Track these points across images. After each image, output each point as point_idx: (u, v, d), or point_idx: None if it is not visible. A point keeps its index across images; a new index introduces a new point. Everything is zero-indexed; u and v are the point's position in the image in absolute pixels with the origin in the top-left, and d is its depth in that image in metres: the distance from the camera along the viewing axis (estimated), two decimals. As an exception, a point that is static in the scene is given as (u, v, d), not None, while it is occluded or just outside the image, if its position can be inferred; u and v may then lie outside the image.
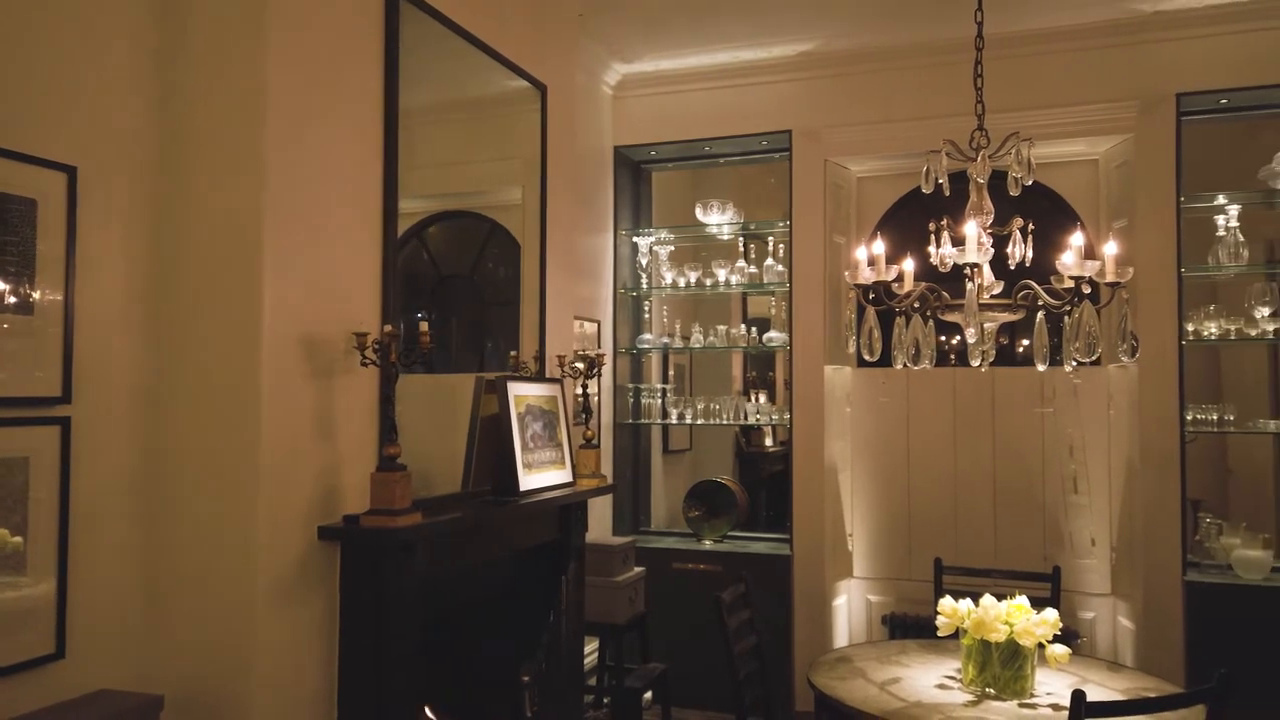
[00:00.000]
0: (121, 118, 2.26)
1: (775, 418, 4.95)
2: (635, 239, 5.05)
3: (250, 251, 2.27)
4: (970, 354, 2.67)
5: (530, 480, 3.16)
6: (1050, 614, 2.58)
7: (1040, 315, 2.65)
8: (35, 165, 2.05)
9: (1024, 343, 4.64)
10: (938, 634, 2.75)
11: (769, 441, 6.56)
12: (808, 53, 4.54)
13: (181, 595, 2.27)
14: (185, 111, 2.34)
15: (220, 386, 2.28)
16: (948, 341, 4.56)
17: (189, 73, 2.34)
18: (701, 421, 4.92)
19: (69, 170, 2.11)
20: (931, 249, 2.78)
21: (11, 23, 2.02)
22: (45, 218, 2.08)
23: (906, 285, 2.76)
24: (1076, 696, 2.04)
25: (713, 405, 4.89)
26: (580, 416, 3.78)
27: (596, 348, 4.48)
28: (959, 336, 2.72)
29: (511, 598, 3.34)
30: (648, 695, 4.06)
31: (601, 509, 4.60)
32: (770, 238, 4.86)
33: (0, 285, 1.98)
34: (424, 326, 2.51)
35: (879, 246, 2.71)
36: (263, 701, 2.23)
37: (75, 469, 2.12)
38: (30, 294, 2.04)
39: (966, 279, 2.59)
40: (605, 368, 4.67)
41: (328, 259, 2.48)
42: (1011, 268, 2.71)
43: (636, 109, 4.88)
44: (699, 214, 4.99)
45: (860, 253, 2.75)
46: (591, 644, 4.34)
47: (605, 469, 4.55)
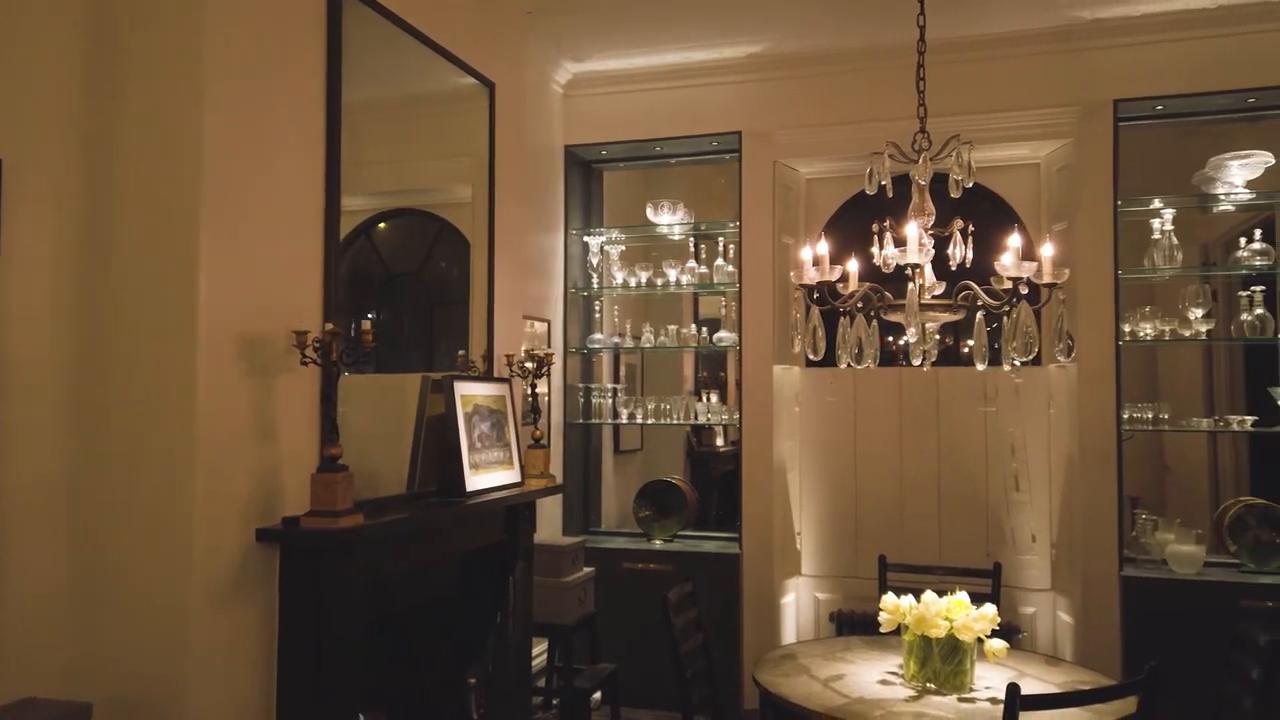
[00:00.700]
0: (52, 108, 2.19)
1: (725, 417, 4.98)
2: (586, 238, 5.04)
3: (187, 247, 2.22)
4: (912, 353, 2.71)
5: (477, 481, 3.14)
6: (989, 609, 2.63)
7: (980, 315, 2.70)
8: (-43, 157, 1.99)
9: (969, 343, 4.71)
10: (880, 630, 2.78)
11: (720, 441, 6.59)
12: (757, 55, 4.57)
13: (114, 600, 2.21)
14: (120, 103, 2.28)
15: (155, 385, 2.22)
16: (894, 342, 4.62)
17: (125, 63, 2.28)
18: (652, 421, 4.93)
19: (-7, 162, 2.05)
20: (875, 250, 2.81)
21: (-68, 9, 1.96)
22: (-32, 211, 2.01)
23: (851, 285, 2.79)
24: (1011, 690, 2.08)
25: (663, 405, 4.90)
26: (529, 416, 3.76)
27: (546, 347, 4.46)
28: (905, 336, 2.75)
29: (458, 599, 3.31)
30: (597, 695, 4.05)
31: (551, 509, 4.58)
32: (720, 238, 4.88)
33: (-81, 281, 1.92)
34: (366, 325, 2.48)
35: (823, 247, 2.74)
36: (197, 707, 2.18)
37: (2, 471, 2.05)
38: (-48, 290, 1.98)
39: (908, 279, 2.63)
40: (555, 367, 4.66)
41: (268, 256, 2.44)
42: (953, 268, 2.76)
43: (587, 108, 4.87)
44: (650, 214, 4.99)
45: (805, 253, 2.78)
46: (541, 645, 4.32)
47: (555, 469, 4.54)
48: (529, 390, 3.74)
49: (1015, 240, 2.50)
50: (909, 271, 2.61)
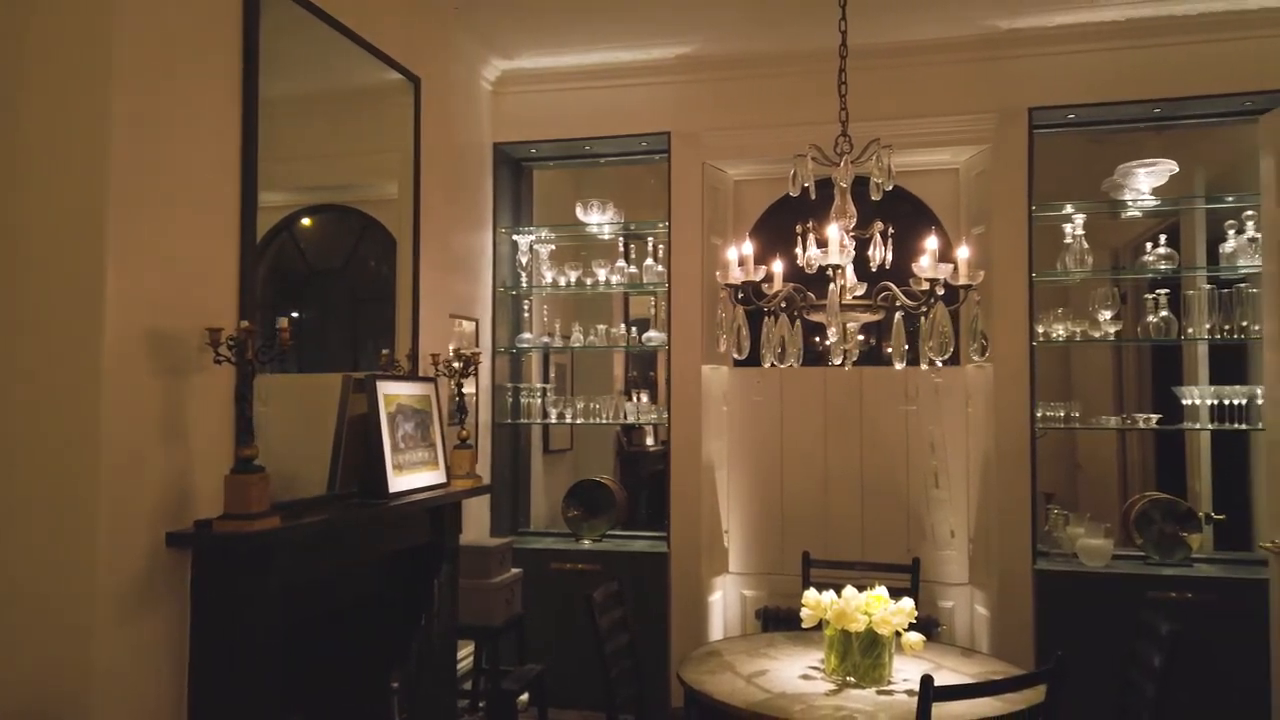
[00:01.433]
0: (-57, 95, 2.10)
1: (654, 417, 4.99)
2: (515, 237, 5.01)
3: (93, 240, 2.15)
4: (833, 353, 2.76)
5: (401, 482, 3.09)
6: (906, 603, 2.69)
7: (898, 316, 2.76)
8: None
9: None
10: (802, 626, 2.82)
11: (650, 441, 6.61)
12: (686, 56, 4.60)
13: (13, 612, 2.12)
14: (22, 90, 2.19)
15: (57, 383, 2.14)
16: (821, 342, 4.69)
17: (28, 48, 2.19)
18: (581, 421, 4.92)
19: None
20: (798, 251, 2.86)
21: None
22: None
23: (776, 286, 2.82)
24: (925, 681, 2.13)
25: (593, 405, 4.90)
26: (456, 416, 3.72)
27: (474, 346, 4.42)
28: (827, 336, 2.80)
29: (382, 602, 3.26)
30: (524, 697, 4.03)
31: (479, 510, 4.54)
32: (650, 238, 4.90)
33: None
34: (284, 323, 2.42)
35: (748, 247, 2.77)
36: None
37: (-114, 474, 1.96)
38: None
39: (830, 280, 2.67)
40: (483, 367, 4.62)
41: (181, 251, 2.37)
42: (873, 270, 2.81)
43: (517, 106, 4.84)
44: (579, 213, 4.98)
45: (731, 253, 2.81)
46: (467, 647, 4.28)
47: (482, 469, 4.49)
48: (455, 390, 3.70)
49: (932, 243, 2.56)
50: (830, 272, 2.66)
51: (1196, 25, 4.05)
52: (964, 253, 2.63)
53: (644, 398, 5.29)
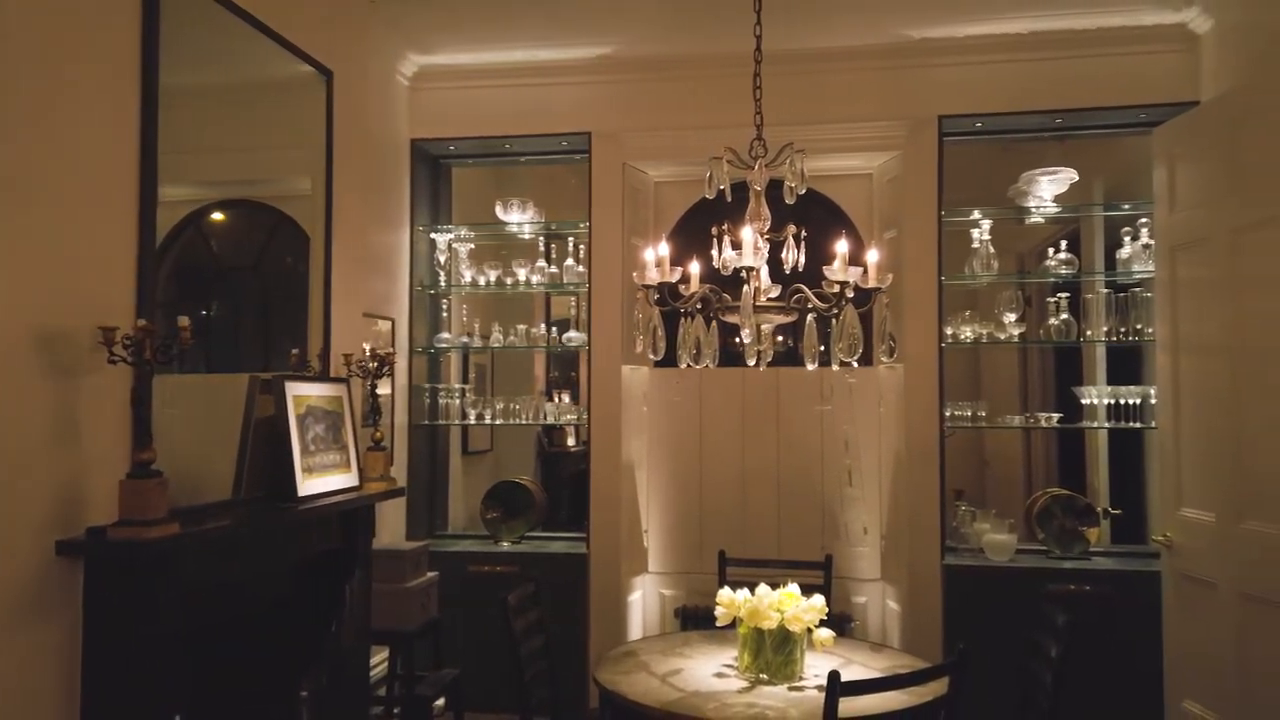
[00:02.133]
0: None
1: (574, 417, 4.98)
2: (434, 235, 4.94)
3: (-25, 235, 2.04)
4: (747, 354, 2.79)
5: (311, 485, 3.03)
6: (817, 600, 2.73)
7: (810, 318, 2.80)
8: None
9: (808, 344, 4.89)
10: (717, 624, 2.85)
11: (572, 441, 6.60)
12: (607, 56, 4.59)
13: (-116, 623, 2.00)
14: (-108, 75, 2.07)
15: (-65, 386, 2.03)
16: (741, 343, 4.74)
17: (-103, 31, 2.07)
18: (501, 422, 4.88)
19: None
20: (714, 252, 2.88)
21: None
22: None
23: (693, 287, 2.84)
24: (832, 677, 2.18)
25: (513, 405, 4.86)
26: (369, 418, 3.65)
27: (390, 346, 4.34)
28: (741, 337, 2.83)
29: (291, 609, 3.17)
30: (439, 702, 3.98)
31: (394, 513, 4.46)
32: (571, 238, 4.88)
33: None
34: (184, 321, 2.33)
35: (664, 248, 2.78)
36: (-16, 737, 2.01)
37: None
38: None
39: (744, 281, 2.70)
40: (399, 367, 4.54)
41: (74, 246, 2.27)
42: (787, 272, 2.86)
43: (435, 102, 4.77)
44: (499, 212, 4.94)
45: (648, 254, 2.81)
46: (382, 653, 4.20)
47: (399, 471, 4.42)
48: (369, 391, 3.63)
49: (842, 246, 2.61)
50: (744, 274, 2.69)
51: (1096, 40, 4.22)
52: (873, 256, 2.68)
53: (565, 398, 5.28)
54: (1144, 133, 4.11)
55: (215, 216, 3.12)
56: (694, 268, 2.84)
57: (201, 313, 3.04)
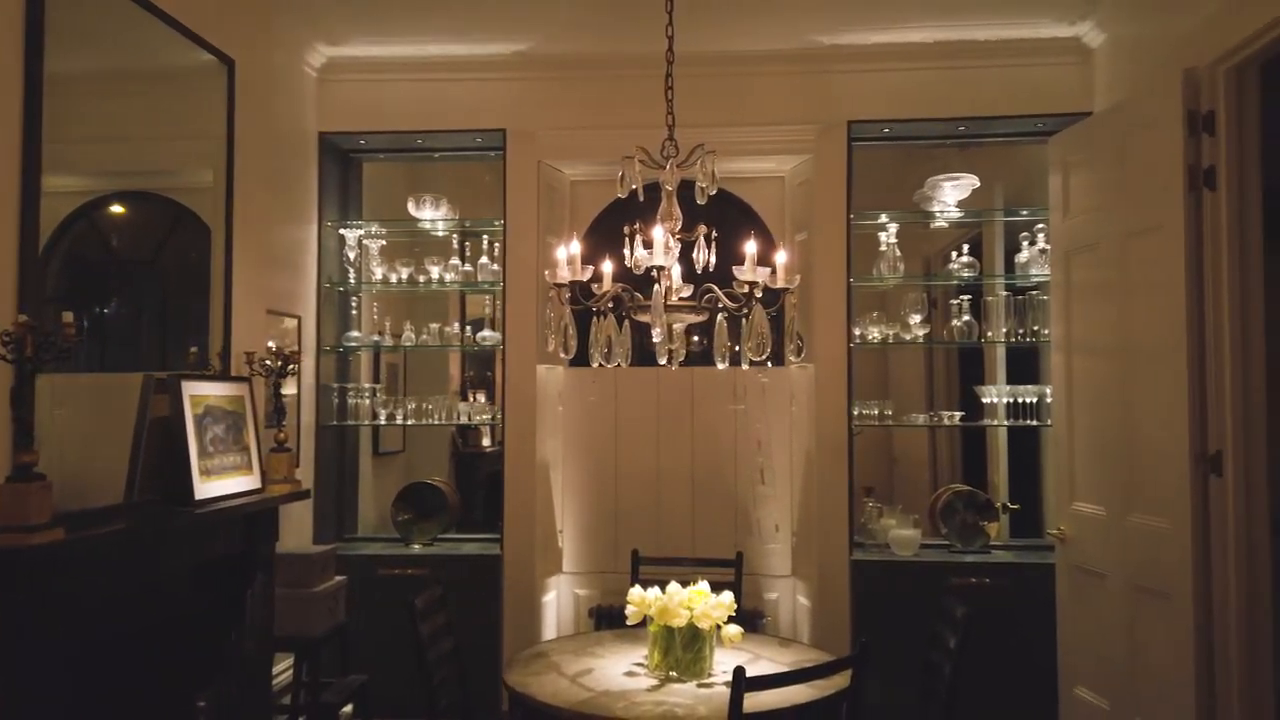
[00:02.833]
0: None
1: (489, 417, 4.93)
2: (343, 231, 4.82)
3: None
4: (659, 353, 2.80)
5: (209, 488, 2.93)
6: (726, 597, 2.76)
7: (721, 317, 2.83)
8: None
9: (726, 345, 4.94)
10: (628, 623, 2.85)
11: (487, 441, 6.52)
12: (523, 53, 4.56)
13: None
14: None
15: None
16: (654, 342, 4.76)
17: None
18: (413, 422, 4.80)
19: None
20: (626, 252, 2.88)
21: None
22: None
23: (605, 286, 2.84)
24: (737, 672, 2.20)
25: (425, 405, 4.79)
26: (273, 418, 3.55)
27: (296, 345, 4.22)
28: (653, 336, 2.83)
29: (189, 616, 3.06)
30: (347, 709, 3.89)
31: (300, 516, 4.34)
32: (486, 236, 4.83)
33: None
34: (68, 317, 2.23)
35: (575, 247, 2.77)
36: None
37: None
38: None
39: (655, 281, 2.71)
40: (306, 366, 4.43)
41: (-56, 237, 2.14)
42: (699, 272, 2.87)
43: (344, 94, 4.66)
44: (412, 209, 4.86)
45: (560, 253, 2.80)
46: (287, 660, 4.08)
47: (306, 473, 4.31)
48: (273, 390, 3.53)
49: (751, 247, 2.64)
50: (655, 273, 2.69)
51: (997, 51, 4.37)
52: (782, 257, 2.72)
53: (481, 398, 5.22)
54: (1041, 141, 4.27)
55: (113, 209, 3.00)
56: (606, 267, 2.83)
57: (97, 309, 2.91)
